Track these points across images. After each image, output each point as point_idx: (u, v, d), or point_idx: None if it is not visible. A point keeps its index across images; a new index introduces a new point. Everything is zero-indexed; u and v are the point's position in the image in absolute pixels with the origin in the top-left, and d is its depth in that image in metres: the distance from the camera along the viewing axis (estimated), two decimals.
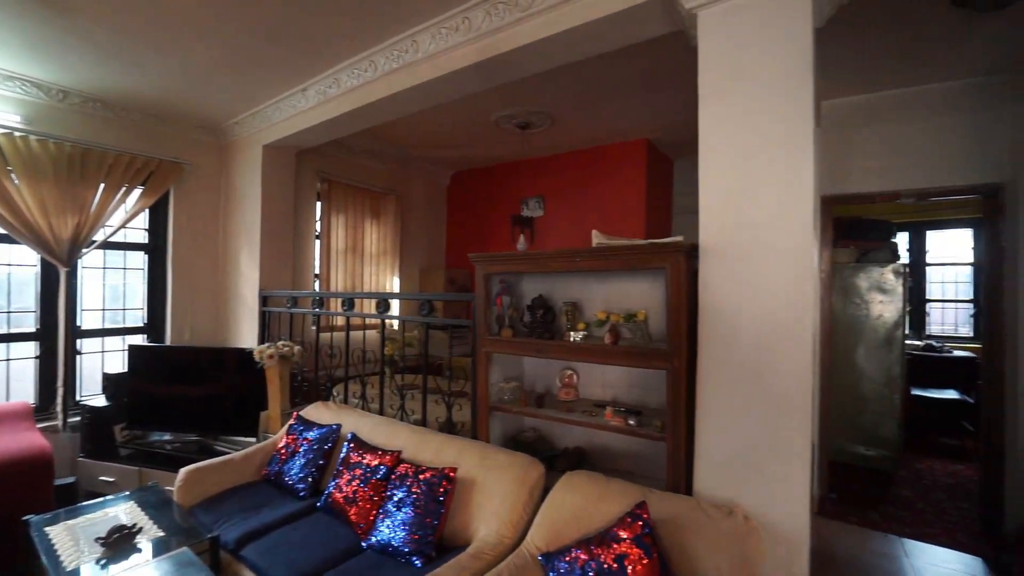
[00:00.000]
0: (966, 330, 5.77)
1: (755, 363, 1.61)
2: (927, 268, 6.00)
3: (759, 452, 1.60)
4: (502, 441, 2.50)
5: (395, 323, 4.68)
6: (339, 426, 2.70)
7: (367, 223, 5.02)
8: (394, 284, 5.27)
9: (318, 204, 4.65)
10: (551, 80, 3.18)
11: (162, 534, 2.05)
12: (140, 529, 1.99)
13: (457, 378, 2.77)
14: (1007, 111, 2.93)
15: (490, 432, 2.37)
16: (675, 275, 1.70)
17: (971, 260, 5.74)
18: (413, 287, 5.50)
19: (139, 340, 3.96)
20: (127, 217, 3.69)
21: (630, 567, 1.44)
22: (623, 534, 1.53)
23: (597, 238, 1.94)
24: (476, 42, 2.40)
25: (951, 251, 5.89)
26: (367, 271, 5.02)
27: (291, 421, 2.89)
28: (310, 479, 2.50)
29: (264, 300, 3.96)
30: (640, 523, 1.54)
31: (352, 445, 2.42)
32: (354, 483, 2.20)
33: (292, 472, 2.56)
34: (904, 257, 6.05)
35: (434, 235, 5.81)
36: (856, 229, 4.35)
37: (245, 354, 3.42)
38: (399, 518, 1.97)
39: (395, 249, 5.28)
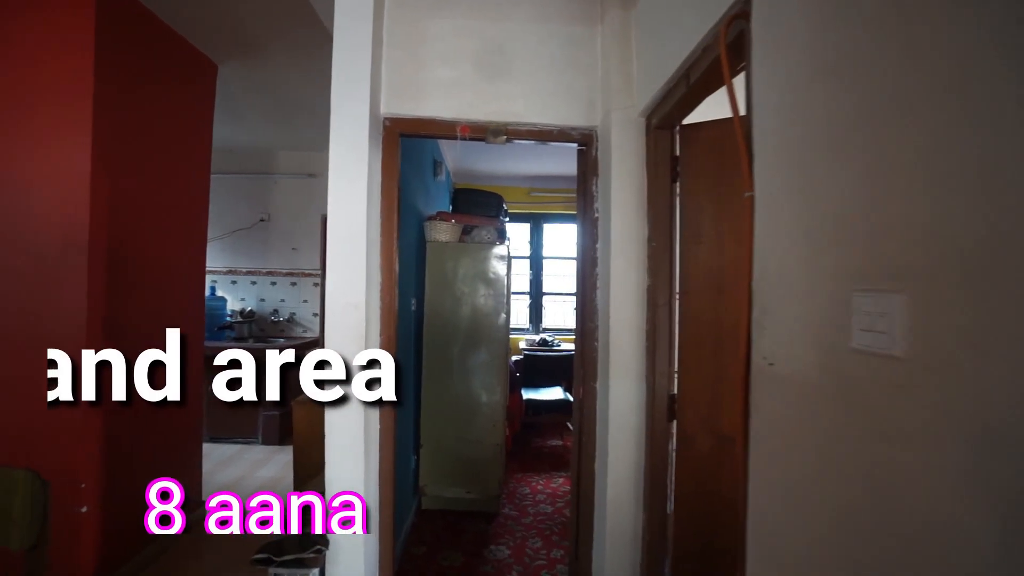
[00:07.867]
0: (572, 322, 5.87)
1: None
2: (544, 261, 5.91)
3: None
4: None
5: None
6: None
7: None
8: None
9: None
10: None
11: None
12: None
13: None
14: (599, 31, 2.16)
15: None
16: None
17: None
18: None
19: None
20: None
21: None
22: None
23: None
24: None
25: (565, 246, 5.91)
26: None
27: None
28: None
29: None
30: None
31: None
32: None
33: None
34: (526, 249, 5.84)
35: None
36: (462, 201, 3.36)
37: None
38: None
39: None
